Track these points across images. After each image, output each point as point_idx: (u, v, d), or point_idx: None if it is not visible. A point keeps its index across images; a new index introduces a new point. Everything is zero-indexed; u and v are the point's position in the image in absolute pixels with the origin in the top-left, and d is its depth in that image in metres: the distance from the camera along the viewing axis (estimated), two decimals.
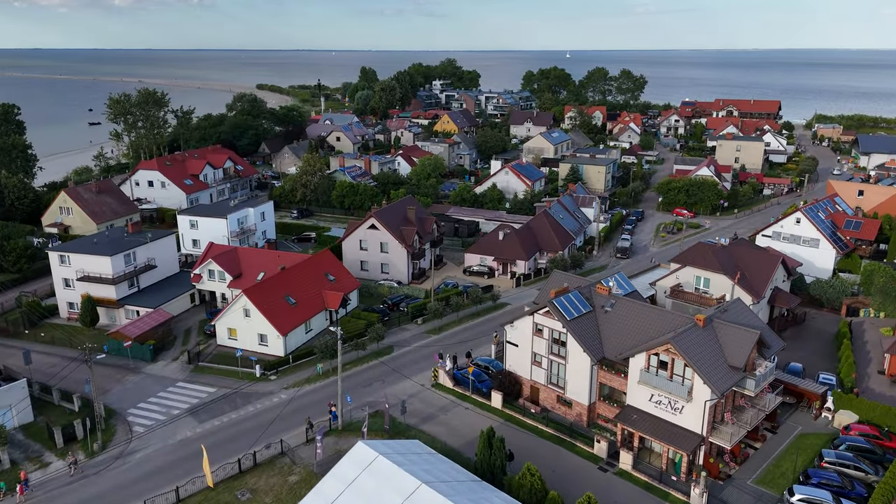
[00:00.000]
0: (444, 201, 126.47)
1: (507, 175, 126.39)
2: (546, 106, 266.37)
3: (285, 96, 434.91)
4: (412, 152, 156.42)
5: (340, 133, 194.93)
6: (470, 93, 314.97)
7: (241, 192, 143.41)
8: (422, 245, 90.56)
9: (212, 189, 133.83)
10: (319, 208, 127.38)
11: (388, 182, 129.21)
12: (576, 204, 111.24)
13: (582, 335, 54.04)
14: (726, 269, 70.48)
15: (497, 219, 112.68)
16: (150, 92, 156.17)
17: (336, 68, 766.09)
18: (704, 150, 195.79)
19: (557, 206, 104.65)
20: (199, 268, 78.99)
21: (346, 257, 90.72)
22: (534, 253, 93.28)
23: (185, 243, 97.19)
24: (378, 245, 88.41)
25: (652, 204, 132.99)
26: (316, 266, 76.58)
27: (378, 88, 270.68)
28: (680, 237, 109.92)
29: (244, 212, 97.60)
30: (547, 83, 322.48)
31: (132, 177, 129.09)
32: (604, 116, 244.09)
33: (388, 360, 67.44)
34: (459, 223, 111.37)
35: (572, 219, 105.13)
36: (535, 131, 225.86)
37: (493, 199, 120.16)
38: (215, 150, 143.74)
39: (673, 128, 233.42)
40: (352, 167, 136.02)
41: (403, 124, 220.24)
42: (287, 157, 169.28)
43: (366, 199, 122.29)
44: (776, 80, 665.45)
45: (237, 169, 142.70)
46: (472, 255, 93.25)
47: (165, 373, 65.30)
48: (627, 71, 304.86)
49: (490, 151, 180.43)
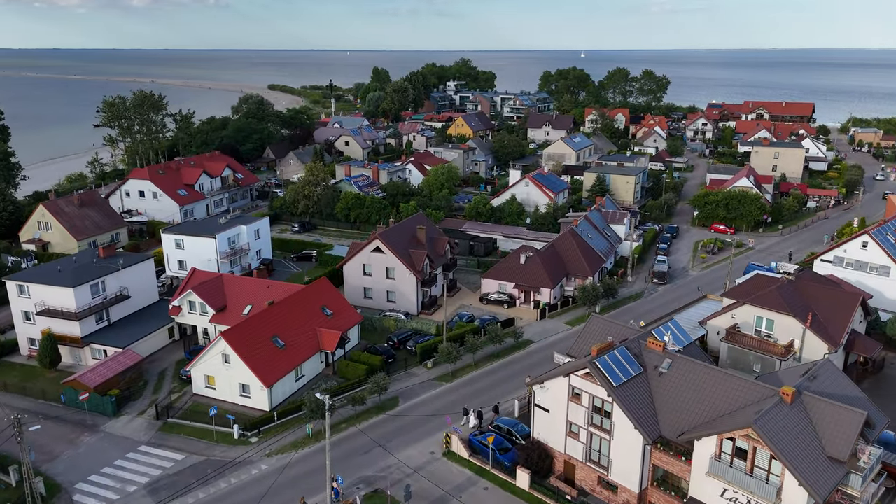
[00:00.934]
0: (458, 215, 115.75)
1: (526, 186, 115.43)
2: (565, 108, 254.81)
3: (296, 97, 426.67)
4: (424, 159, 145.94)
5: (349, 137, 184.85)
6: (485, 94, 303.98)
7: (241, 201, 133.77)
8: (433, 270, 79.92)
9: (208, 199, 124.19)
10: (323, 221, 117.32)
11: (397, 193, 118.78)
12: (605, 220, 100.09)
13: (632, 405, 43.14)
14: (795, 309, 59.17)
15: (516, 236, 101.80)
16: (146, 94, 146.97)
17: (350, 68, 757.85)
18: (736, 157, 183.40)
19: (585, 223, 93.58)
20: (179, 299, 68.95)
21: (348, 283, 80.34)
22: (560, 279, 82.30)
23: (170, 265, 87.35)
24: (384, 270, 77.89)
25: (685, 217, 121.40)
26: (310, 299, 66.21)
27: (390, 90, 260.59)
28: (722, 258, 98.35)
29: (236, 230, 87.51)
30: (565, 84, 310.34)
31: (122, 186, 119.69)
32: (626, 119, 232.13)
33: (392, 417, 56.90)
34: (475, 240, 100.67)
35: (601, 237, 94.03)
36: (555, 135, 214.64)
37: (512, 213, 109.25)
38: (213, 157, 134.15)
39: (700, 131, 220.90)
40: (359, 176, 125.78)
41: (416, 127, 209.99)
42: (292, 164, 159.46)
43: (373, 213, 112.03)
44: (800, 81, 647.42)
45: (236, 177, 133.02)
46: (490, 281, 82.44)
47: (128, 431, 55.17)
48: (650, 71, 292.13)
49: (507, 157, 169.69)
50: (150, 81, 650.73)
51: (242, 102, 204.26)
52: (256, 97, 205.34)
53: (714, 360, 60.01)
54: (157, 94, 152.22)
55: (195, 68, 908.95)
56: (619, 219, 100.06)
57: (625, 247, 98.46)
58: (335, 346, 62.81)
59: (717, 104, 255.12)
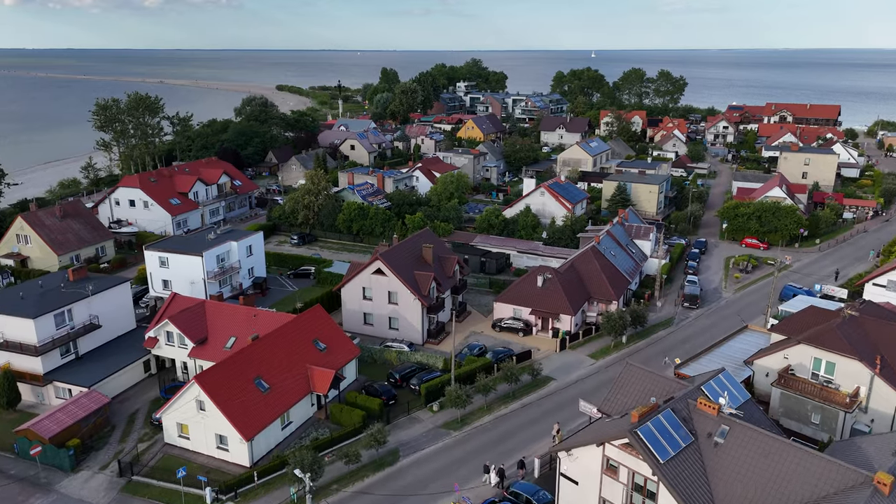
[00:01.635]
0: (468, 227, 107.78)
1: (542, 196, 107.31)
2: (579, 110, 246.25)
3: (304, 98, 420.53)
4: (432, 165, 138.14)
5: (355, 141, 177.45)
6: (496, 95, 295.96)
7: (239, 210, 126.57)
8: (440, 294, 72.07)
9: (203, 209, 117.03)
10: (324, 232, 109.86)
11: (403, 203, 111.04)
12: (628, 235, 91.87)
13: (682, 486, 35.10)
14: (861, 351, 50.83)
15: (532, 251, 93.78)
16: (140, 96, 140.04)
17: (360, 68, 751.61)
18: (761, 162, 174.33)
19: (607, 238, 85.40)
20: (155, 329, 61.51)
21: (346, 308, 72.66)
22: (581, 304, 74.22)
23: (154, 285, 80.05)
24: (385, 295, 70.13)
25: (712, 230, 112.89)
26: (301, 331, 58.54)
27: (398, 91, 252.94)
28: (757, 277, 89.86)
29: (225, 247, 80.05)
30: (579, 85, 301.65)
31: (112, 195, 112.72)
32: (643, 122, 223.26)
33: (391, 476, 49.11)
34: (486, 256, 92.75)
35: (626, 255, 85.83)
36: (569, 138, 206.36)
37: (527, 226, 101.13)
38: (210, 164, 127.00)
39: (721, 135, 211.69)
40: (362, 185, 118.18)
41: (424, 131, 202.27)
42: (294, 169, 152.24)
43: (377, 225, 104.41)
44: (817, 81, 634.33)
45: (234, 184, 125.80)
46: (504, 306, 74.48)
47: (85, 492, 47.71)
48: (666, 72, 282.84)
49: (519, 163, 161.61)
50: (159, 82, 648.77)
51: (246, 104, 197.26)
52: (260, 99, 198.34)
53: (763, 407, 51.83)
54: (153, 95, 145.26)
55: (206, 68, 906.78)
56: (643, 234, 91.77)
57: (651, 265, 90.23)
58: (328, 388, 55.11)
59: (738, 106, 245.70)
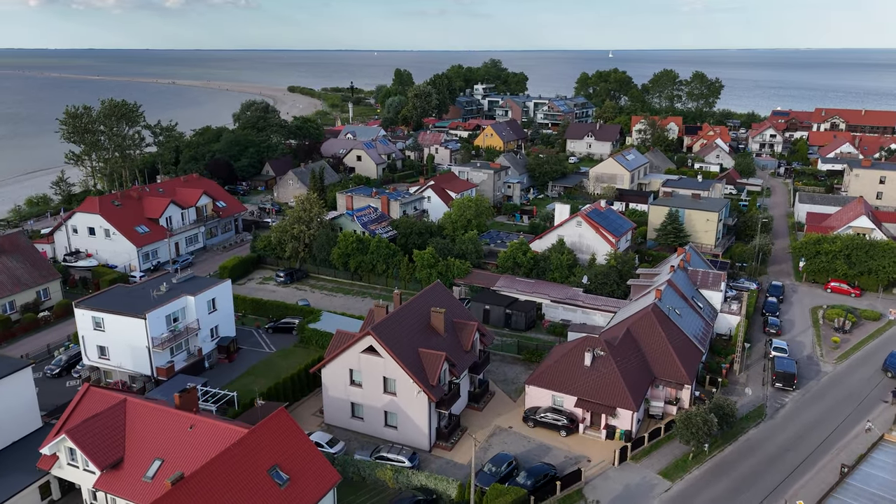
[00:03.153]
0: (489, 265, 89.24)
1: (579, 227, 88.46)
2: (607, 115, 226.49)
3: (315, 100, 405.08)
4: (447, 183, 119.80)
5: (362, 151, 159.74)
6: (516, 98, 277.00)
7: (223, 236, 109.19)
8: (455, 378, 53.67)
9: (178, 236, 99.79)
10: (317, 267, 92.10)
11: (411, 232, 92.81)
12: (691, 283, 72.88)
13: None
14: None
15: (570, 301, 75.17)
16: (116, 103, 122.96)
17: (375, 69, 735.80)
18: (819, 177, 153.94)
19: (669, 291, 66.52)
20: (51, 444, 43.76)
21: (329, 395, 54.53)
22: (645, 391, 55.48)
23: (87, 352, 62.59)
24: (379, 381, 51.93)
25: (782, 267, 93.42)
26: (253, 456, 40.40)
27: (411, 94, 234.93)
28: (861, 340, 70.42)
29: (178, 303, 62.28)
30: (605, 87, 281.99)
31: (68, 221, 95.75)
32: (680, 129, 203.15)
33: None
34: (513, 307, 74.31)
35: (692, 312, 66.91)
36: (598, 148, 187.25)
37: (562, 265, 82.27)
38: (188, 182, 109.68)
39: (768, 144, 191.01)
40: (364, 209, 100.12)
41: (439, 138, 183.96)
42: (291, 185, 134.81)
43: (378, 261, 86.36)
44: (849, 83, 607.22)
45: (217, 205, 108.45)
46: (539, 391, 55.96)
47: None
48: (701, 73, 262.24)
49: (545, 178, 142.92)
50: (171, 83, 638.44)
51: (245, 109, 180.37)
52: (261, 103, 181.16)
53: None
54: (131, 101, 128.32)
55: (221, 69, 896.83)
56: (713, 282, 72.63)
57: (722, 322, 71.26)
58: None
59: (783, 111, 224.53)
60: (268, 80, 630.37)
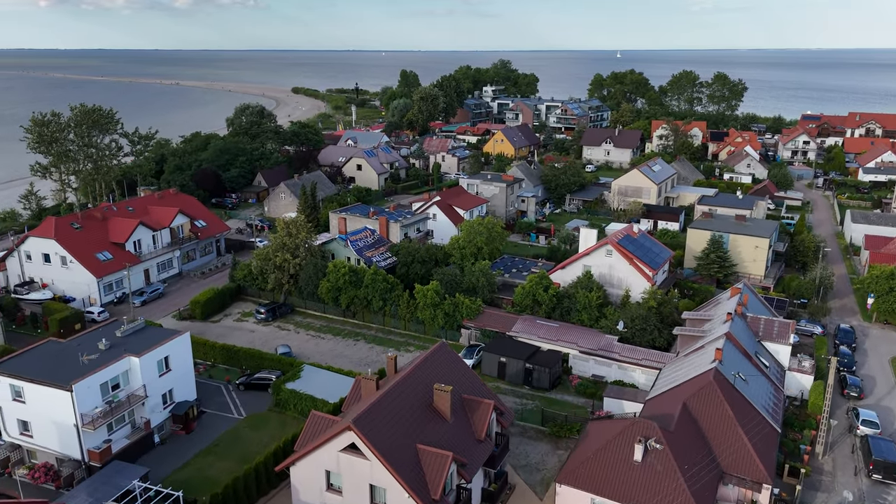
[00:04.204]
0: (503, 300, 76.33)
1: (609, 257, 75.48)
2: (625, 119, 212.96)
3: (319, 101, 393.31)
4: (454, 198, 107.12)
5: (362, 159, 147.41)
6: (527, 101, 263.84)
7: (202, 259, 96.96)
8: (466, 481, 40.93)
9: (149, 262, 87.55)
10: (304, 301, 79.69)
11: (413, 261, 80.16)
12: (752, 334, 59.87)
13: None
14: None
15: (603, 352, 62.40)
16: (87, 109, 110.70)
17: (382, 69, 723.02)
18: (861, 189, 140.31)
19: (730, 348, 53.58)
20: None
21: (299, 500, 41.85)
22: (713, 496, 42.54)
23: (7, 427, 50.26)
24: (365, 490, 39.23)
25: (843, 302, 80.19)
26: None
27: (417, 97, 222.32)
28: None
29: (118, 367, 49.77)
30: (621, 89, 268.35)
31: (21, 246, 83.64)
32: (704, 135, 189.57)
33: None
34: (533, 359, 61.58)
35: (758, 374, 53.95)
36: (617, 155, 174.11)
37: (590, 305, 69.27)
38: (164, 199, 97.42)
39: (801, 151, 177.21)
40: (360, 232, 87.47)
41: (446, 145, 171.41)
42: (283, 198, 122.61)
43: (374, 296, 73.78)
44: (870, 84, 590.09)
45: (196, 225, 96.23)
46: (575, 493, 43.17)
47: None
48: (723, 74, 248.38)
49: (562, 190, 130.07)
50: (174, 83, 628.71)
51: (239, 113, 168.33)
52: (256, 107, 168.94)
53: None
54: (106, 108, 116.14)
55: (227, 69, 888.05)
56: (779, 334, 59.51)
57: (791, 382, 58.32)
58: None
59: (814, 116, 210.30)
60: (273, 80, 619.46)
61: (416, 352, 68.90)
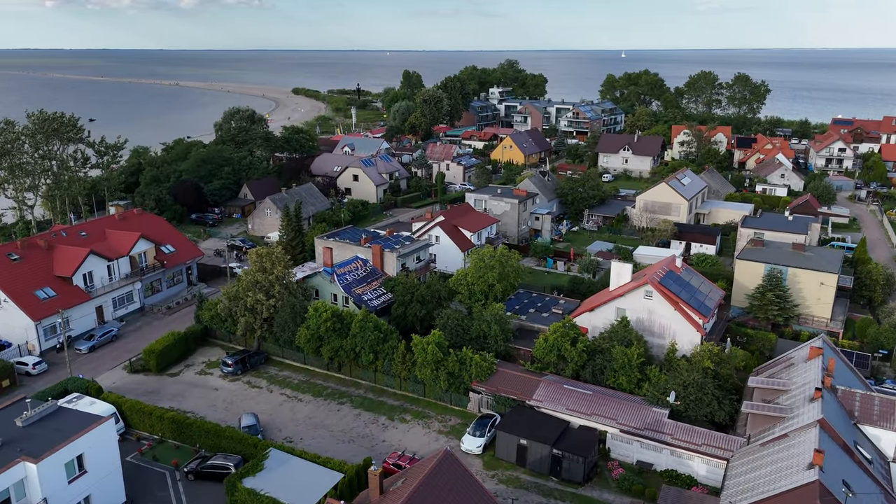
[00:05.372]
0: (520, 353, 63.01)
1: (648, 299, 62.05)
2: (642, 123, 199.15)
3: (319, 103, 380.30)
4: (460, 218, 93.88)
5: (359, 169, 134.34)
6: (536, 103, 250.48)
7: (169, 291, 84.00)
8: None
9: (102, 297, 74.66)
10: (281, 348, 66.67)
11: (411, 300, 67.00)
12: (846, 414, 46.44)
13: None
14: None
15: (650, 432, 49.07)
16: (47, 117, 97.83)
17: (386, 69, 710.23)
18: None
19: (827, 442, 40.25)
20: None
21: None
22: None
23: None
24: None
25: None
26: None
27: (419, 100, 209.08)
28: None
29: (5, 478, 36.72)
30: (635, 91, 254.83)
31: None
32: (729, 141, 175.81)
33: None
34: (562, 442, 48.32)
35: (864, 476, 40.57)
36: (636, 163, 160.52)
37: (629, 364, 55.69)
38: (126, 221, 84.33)
39: (836, 159, 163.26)
40: (348, 264, 74.09)
41: (450, 152, 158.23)
42: (269, 215, 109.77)
43: (364, 347, 60.56)
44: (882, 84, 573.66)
45: (162, 251, 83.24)
46: None
47: None
48: (744, 75, 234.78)
49: (580, 205, 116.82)
50: (174, 84, 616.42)
51: (228, 117, 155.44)
52: (246, 111, 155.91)
53: None
54: (68, 114, 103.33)
55: (231, 69, 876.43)
56: (879, 413, 46.05)
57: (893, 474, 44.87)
58: None
59: (846, 120, 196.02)
60: (275, 80, 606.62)
61: (413, 421, 55.84)
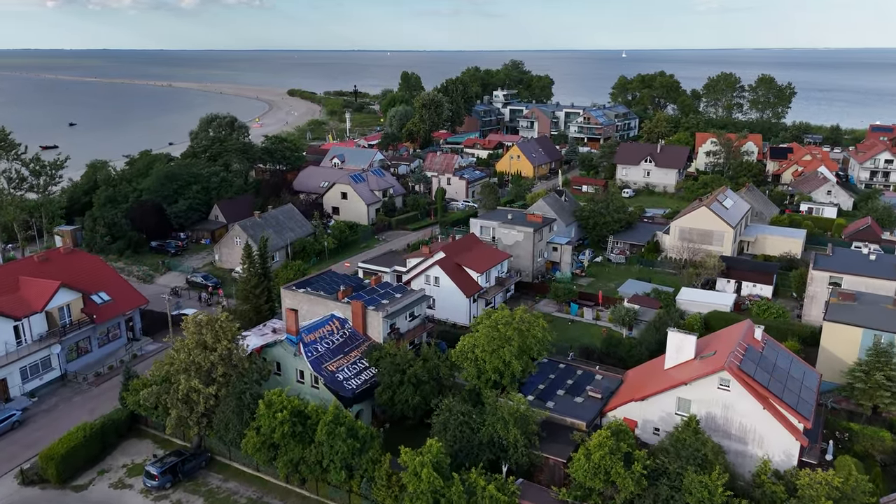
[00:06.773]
0: (545, 466, 46.05)
1: (725, 390, 45.09)
2: (661, 129, 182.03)
3: (315, 105, 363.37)
4: (463, 254, 76.93)
5: (348, 186, 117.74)
6: (544, 107, 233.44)
7: (101, 351, 67.21)
8: None
9: (5, 369, 57.88)
10: (228, 448, 49.81)
11: (402, 381, 50.14)
12: None
13: None
14: None
15: None
16: None
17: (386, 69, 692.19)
18: None
19: None
20: None
21: None
22: None
23: None
24: None
25: None
26: None
27: (418, 104, 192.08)
28: None
29: None
30: (649, 94, 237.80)
31: None
32: (760, 151, 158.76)
33: None
34: None
35: None
36: (660, 177, 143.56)
37: (710, 498, 38.79)
38: (48, 263, 67.43)
39: (882, 172, 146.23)
40: (320, 327, 56.85)
41: (451, 162, 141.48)
42: (237, 244, 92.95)
43: (334, 460, 43.52)
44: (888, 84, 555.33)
45: (92, 302, 66.37)
46: None
47: None
48: (768, 77, 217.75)
49: (603, 230, 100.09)
50: (167, 85, 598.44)
51: (205, 125, 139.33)
52: (225, 118, 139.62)
53: None
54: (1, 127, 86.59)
55: (229, 69, 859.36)
56: None
57: None
58: None
59: (885, 126, 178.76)
60: (272, 81, 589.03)
61: None
